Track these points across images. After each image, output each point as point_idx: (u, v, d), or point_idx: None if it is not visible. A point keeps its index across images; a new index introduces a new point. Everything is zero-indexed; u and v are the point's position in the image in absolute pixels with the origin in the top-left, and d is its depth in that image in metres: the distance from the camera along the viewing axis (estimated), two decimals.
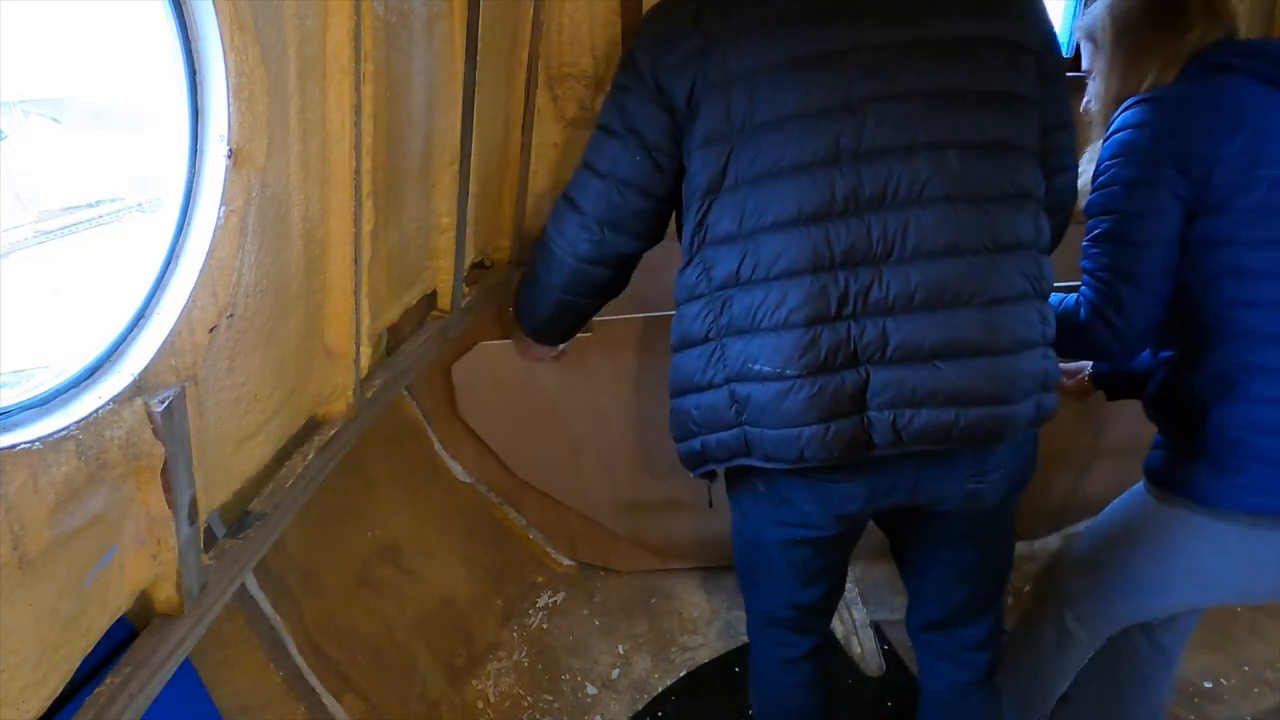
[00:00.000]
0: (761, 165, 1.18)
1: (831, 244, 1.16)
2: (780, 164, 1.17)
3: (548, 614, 2.26)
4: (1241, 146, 1.24)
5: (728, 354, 1.23)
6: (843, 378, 1.17)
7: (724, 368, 1.24)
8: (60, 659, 0.85)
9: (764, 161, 1.18)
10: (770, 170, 1.18)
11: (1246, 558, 1.29)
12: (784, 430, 1.19)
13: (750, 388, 1.21)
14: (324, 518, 1.75)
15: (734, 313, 1.22)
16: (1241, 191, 1.23)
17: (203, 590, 1.06)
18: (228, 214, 0.99)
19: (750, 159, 1.19)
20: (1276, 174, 1.23)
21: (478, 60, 1.56)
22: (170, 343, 0.94)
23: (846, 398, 1.17)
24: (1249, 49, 1.31)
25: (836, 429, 1.18)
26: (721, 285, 1.23)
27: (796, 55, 1.17)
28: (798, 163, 1.17)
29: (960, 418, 1.16)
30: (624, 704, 2.04)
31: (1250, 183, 1.23)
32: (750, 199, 1.19)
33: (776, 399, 1.19)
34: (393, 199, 1.43)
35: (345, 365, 1.38)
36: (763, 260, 1.18)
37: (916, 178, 1.15)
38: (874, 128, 1.15)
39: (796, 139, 1.17)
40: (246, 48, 0.95)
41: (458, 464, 2.31)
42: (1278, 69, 1.27)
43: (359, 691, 1.66)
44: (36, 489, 0.76)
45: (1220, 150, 1.24)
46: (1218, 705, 1.99)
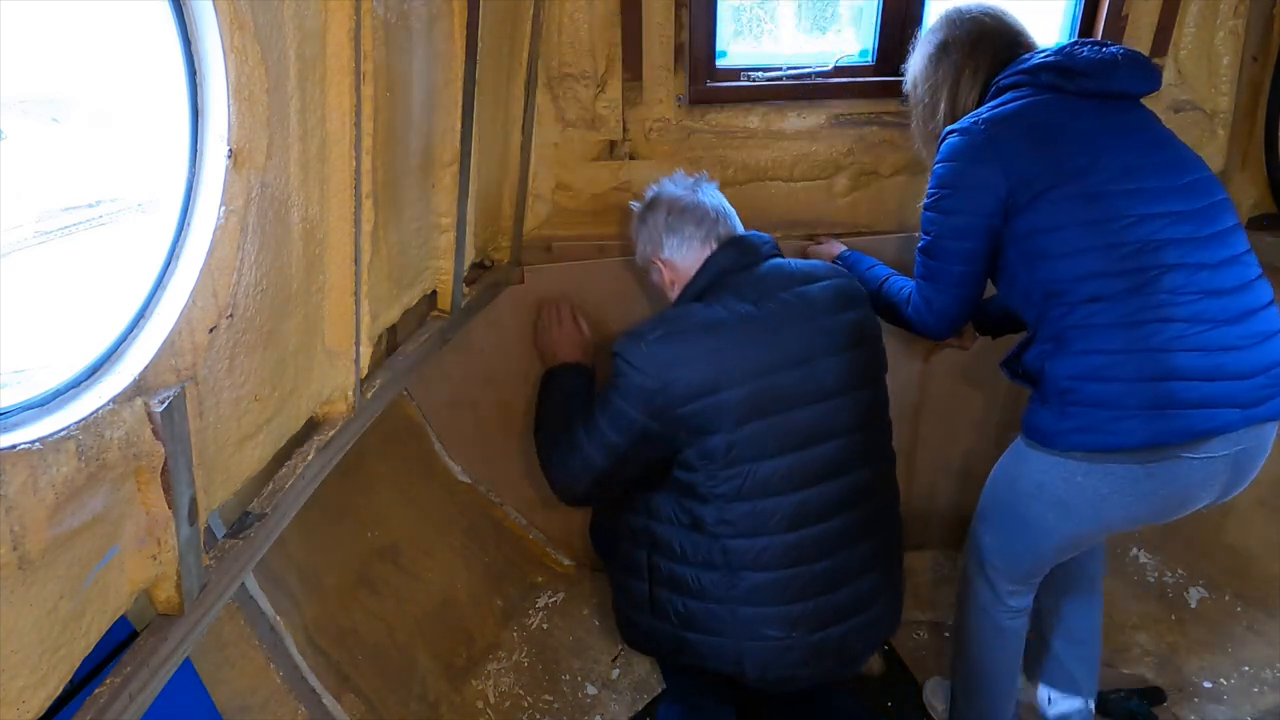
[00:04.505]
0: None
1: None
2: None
3: (548, 614, 2.26)
4: (1036, 156, 1.48)
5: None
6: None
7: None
8: (60, 659, 0.85)
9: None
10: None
11: (1093, 490, 1.46)
12: None
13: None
14: (324, 518, 1.75)
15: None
16: (1043, 191, 1.46)
17: (203, 590, 1.06)
18: (228, 214, 0.99)
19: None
20: (1068, 167, 1.46)
21: (478, 60, 1.56)
22: (170, 343, 0.94)
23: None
24: (1036, 66, 1.55)
25: None
26: None
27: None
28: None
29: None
30: (624, 704, 2.04)
31: (1048, 181, 1.46)
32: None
33: None
34: (393, 199, 1.43)
35: (345, 365, 1.38)
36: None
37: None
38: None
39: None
40: (246, 48, 0.95)
41: (458, 464, 2.32)
42: (1069, 79, 1.52)
43: (359, 691, 1.66)
44: (36, 489, 0.76)
45: (1017, 164, 1.48)
46: (1218, 705, 1.99)
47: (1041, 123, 1.51)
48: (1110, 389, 1.39)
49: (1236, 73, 2.19)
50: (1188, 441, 1.38)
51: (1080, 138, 1.49)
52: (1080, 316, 1.42)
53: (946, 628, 2.25)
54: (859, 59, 2.24)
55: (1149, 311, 1.38)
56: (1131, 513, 1.49)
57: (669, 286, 1.81)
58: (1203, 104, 2.22)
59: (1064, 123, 1.51)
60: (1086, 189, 1.45)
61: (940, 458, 2.44)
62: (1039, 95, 1.54)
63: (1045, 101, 1.53)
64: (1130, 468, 1.42)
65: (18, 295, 0.99)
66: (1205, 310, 1.38)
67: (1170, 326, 1.37)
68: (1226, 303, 1.40)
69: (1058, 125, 1.51)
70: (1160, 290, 1.38)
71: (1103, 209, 1.43)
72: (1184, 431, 1.37)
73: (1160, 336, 1.37)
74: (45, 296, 1.05)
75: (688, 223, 1.75)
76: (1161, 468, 1.41)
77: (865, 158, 2.21)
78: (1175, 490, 1.45)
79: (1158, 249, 1.40)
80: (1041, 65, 1.55)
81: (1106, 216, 1.43)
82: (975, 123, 1.54)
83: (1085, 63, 1.52)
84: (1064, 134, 1.50)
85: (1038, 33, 2.35)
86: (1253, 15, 2.13)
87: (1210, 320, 1.38)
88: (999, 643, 1.74)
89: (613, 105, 2.10)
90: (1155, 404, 1.37)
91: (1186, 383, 1.36)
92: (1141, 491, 1.44)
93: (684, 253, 1.76)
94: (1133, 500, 1.46)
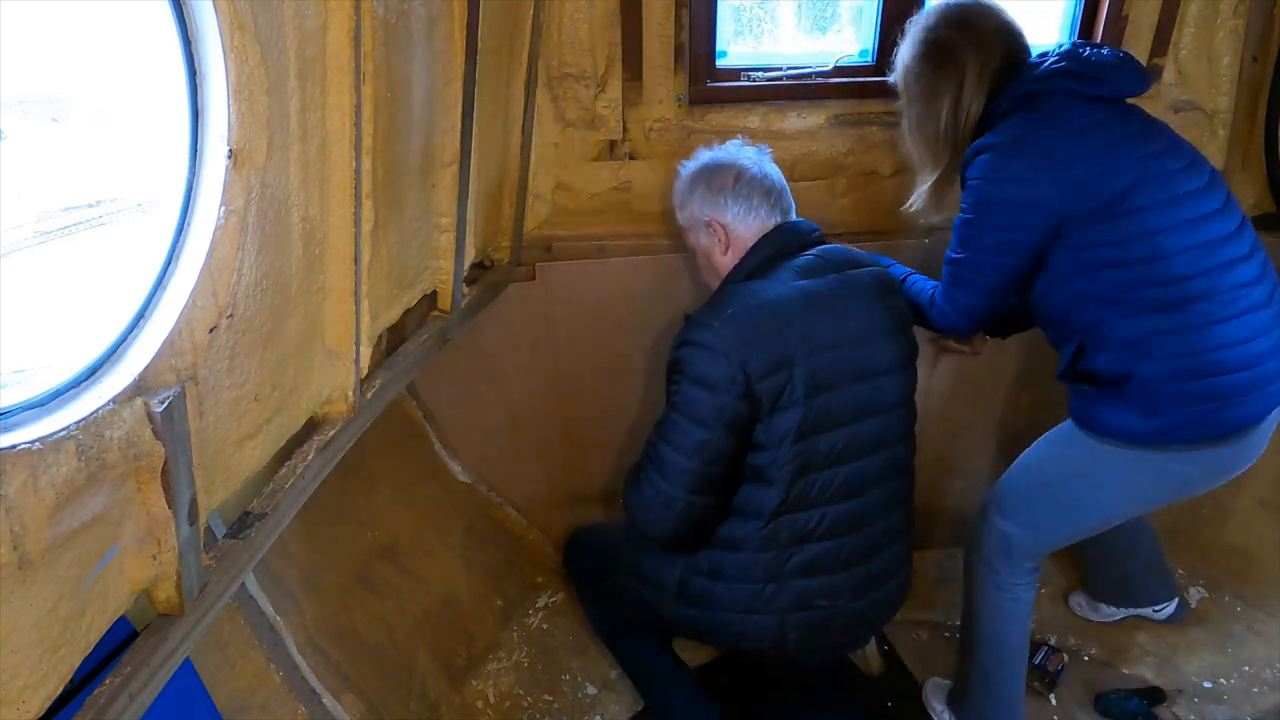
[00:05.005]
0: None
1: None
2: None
3: (548, 614, 2.26)
4: (1084, 169, 1.48)
5: None
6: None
7: None
8: (60, 659, 0.85)
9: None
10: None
11: (1184, 475, 1.57)
12: None
13: None
14: (324, 518, 1.75)
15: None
16: (1099, 203, 1.47)
17: (203, 590, 1.06)
18: (228, 214, 0.99)
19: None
20: (1115, 179, 1.47)
21: (478, 60, 1.56)
22: (170, 343, 0.94)
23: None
24: (1051, 72, 1.53)
25: None
26: None
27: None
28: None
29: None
30: (624, 704, 2.04)
31: (1102, 194, 1.47)
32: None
33: None
34: (393, 199, 1.43)
35: (345, 365, 1.38)
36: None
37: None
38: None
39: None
40: (246, 48, 0.95)
41: (457, 464, 2.32)
42: (1083, 84, 1.52)
43: (359, 691, 1.66)
44: (36, 489, 0.76)
45: (1068, 178, 1.47)
46: (1218, 705, 1.99)
47: (1078, 133, 1.51)
48: (1210, 384, 1.46)
49: (1236, 73, 2.19)
50: (1264, 415, 1.51)
51: (1114, 146, 1.50)
52: (1161, 322, 1.47)
53: (946, 628, 2.25)
54: (859, 59, 2.24)
55: (1224, 307, 1.46)
56: (1206, 486, 1.63)
57: (720, 251, 1.75)
58: (1203, 104, 2.22)
59: (1095, 131, 1.51)
60: (1138, 199, 1.47)
61: (941, 458, 2.44)
62: (1062, 102, 1.53)
63: (1070, 109, 1.52)
64: (1220, 450, 1.51)
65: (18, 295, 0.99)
66: (1248, 300, 1.48)
67: (1241, 319, 1.47)
68: (1258, 292, 1.50)
69: (1092, 135, 1.51)
70: (1223, 288, 1.46)
71: (1160, 216, 1.47)
72: (1264, 408, 1.50)
73: (1236, 329, 1.46)
74: (45, 296, 1.05)
75: (756, 192, 1.73)
76: (1242, 443, 1.52)
77: (865, 158, 2.21)
78: (1240, 461, 1.57)
79: (1213, 249, 1.47)
80: (1056, 71, 1.53)
81: (1164, 225, 1.46)
82: (1015, 138, 1.52)
83: (1095, 66, 1.53)
84: (1101, 144, 1.50)
85: (1037, 33, 2.35)
86: (1253, 15, 2.12)
87: (1253, 308, 1.49)
88: (1020, 613, 1.79)
89: (613, 105, 2.10)
90: (1250, 389, 1.47)
91: (1261, 366, 1.48)
92: (1223, 466, 1.57)
93: (748, 222, 1.73)
94: (1214, 475, 1.59)
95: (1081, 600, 2.23)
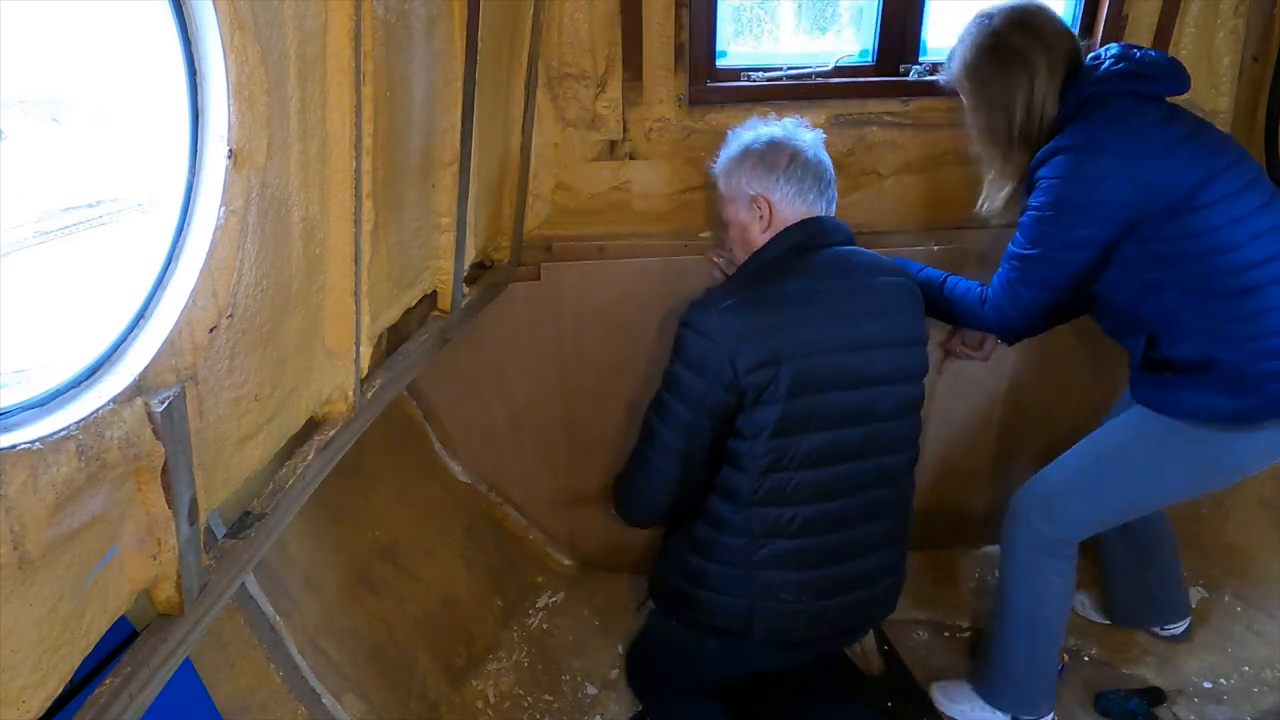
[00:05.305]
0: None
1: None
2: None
3: (548, 614, 2.26)
4: (1161, 167, 1.53)
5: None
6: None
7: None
8: (60, 659, 0.85)
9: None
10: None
11: (1266, 451, 1.63)
12: None
13: None
14: (324, 518, 1.75)
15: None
16: (1171, 198, 1.52)
17: (203, 590, 1.06)
18: (228, 214, 0.99)
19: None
20: (1189, 176, 1.52)
21: (478, 60, 1.56)
22: (170, 343, 0.94)
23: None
24: (1112, 74, 1.59)
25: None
26: None
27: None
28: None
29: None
30: (624, 704, 2.04)
31: (1181, 189, 1.52)
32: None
33: None
34: (393, 199, 1.43)
35: (345, 365, 1.38)
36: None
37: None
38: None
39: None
40: (246, 48, 0.95)
41: (457, 464, 2.32)
42: (1140, 84, 1.58)
43: (359, 691, 1.65)
44: (36, 489, 0.76)
45: (1147, 177, 1.52)
46: (1218, 705, 1.99)
47: (1144, 134, 1.55)
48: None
49: (1236, 73, 2.19)
50: None
51: (1176, 146, 1.55)
52: (1234, 307, 1.53)
53: (946, 627, 2.25)
54: (859, 59, 2.24)
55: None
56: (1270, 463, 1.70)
57: (760, 229, 1.73)
58: (1203, 104, 2.22)
59: (1157, 131, 1.56)
60: (1205, 195, 1.53)
61: (942, 458, 2.44)
62: (1125, 103, 1.58)
63: (1133, 110, 1.57)
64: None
65: (18, 295, 0.99)
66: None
67: None
68: None
69: (1156, 135, 1.55)
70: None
71: (1225, 210, 1.53)
72: None
73: None
74: (45, 296, 1.05)
75: (809, 176, 1.71)
76: None
77: (865, 158, 2.21)
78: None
79: (1274, 236, 1.54)
80: (1116, 73, 1.59)
81: (1230, 218, 1.53)
82: (1090, 139, 1.56)
83: (1150, 66, 1.59)
84: (1165, 143, 1.55)
85: None
86: (1253, 15, 2.12)
87: None
88: (1065, 584, 1.84)
89: (613, 105, 2.10)
90: None
91: None
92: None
93: (795, 204, 1.71)
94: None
95: (1085, 599, 2.23)
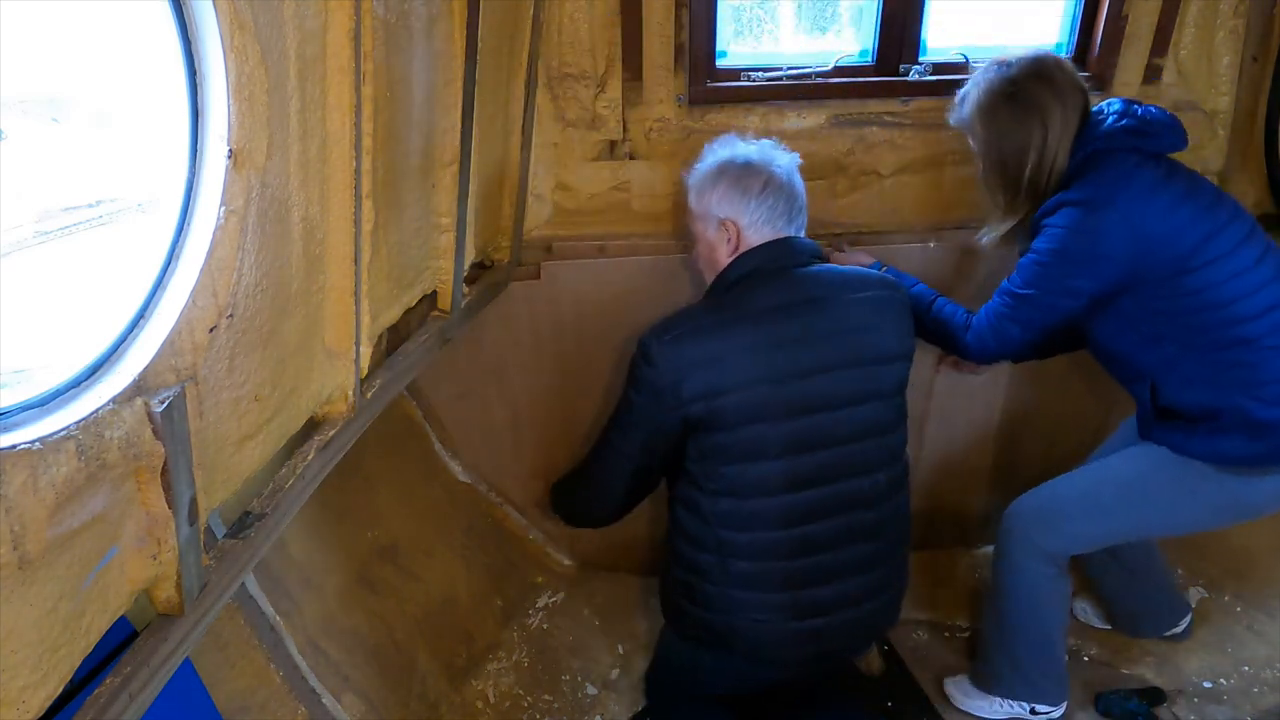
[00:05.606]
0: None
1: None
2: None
3: (548, 614, 2.26)
4: (1156, 228, 1.57)
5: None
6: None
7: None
8: (60, 659, 0.85)
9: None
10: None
11: (1263, 488, 1.67)
12: None
13: None
14: (324, 518, 1.75)
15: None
16: (1172, 257, 1.57)
17: (203, 590, 1.06)
18: (228, 214, 0.99)
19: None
20: (1193, 232, 1.57)
21: (478, 60, 1.56)
22: (170, 343, 0.94)
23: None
24: (1117, 130, 1.62)
25: None
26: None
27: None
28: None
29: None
30: (624, 704, 2.04)
31: (1176, 250, 1.57)
32: None
33: None
34: (393, 199, 1.43)
35: (345, 365, 1.38)
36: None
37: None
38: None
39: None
40: (246, 48, 0.95)
41: (457, 464, 2.32)
42: (1144, 141, 1.62)
43: (359, 691, 1.65)
44: (36, 489, 0.76)
45: (1151, 235, 1.57)
46: (1218, 705, 1.99)
47: (1148, 192, 1.59)
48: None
49: (1236, 73, 2.19)
50: None
51: (1178, 204, 1.59)
52: (1235, 355, 1.59)
53: (946, 627, 2.25)
54: (859, 59, 2.24)
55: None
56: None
57: (726, 252, 1.72)
58: (1203, 104, 2.22)
59: (1161, 188, 1.60)
60: (1205, 254, 1.57)
61: (943, 459, 2.44)
62: (1129, 159, 1.61)
63: (1138, 167, 1.61)
64: None
65: (18, 295, 0.99)
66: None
67: None
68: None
69: (1160, 193, 1.59)
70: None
71: (1223, 267, 1.58)
72: None
73: None
74: (45, 296, 1.05)
75: (781, 201, 1.69)
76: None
77: (865, 158, 2.21)
78: None
79: (1266, 288, 1.60)
80: (1121, 129, 1.62)
81: (1227, 275, 1.58)
82: (1096, 195, 1.60)
83: (1152, 124, 1.63)
84: (1168, 202, 1.59)
85: (1037, 33, 2.36)
86: (1253, 15, 2.13)
87: None
88: (1061, 586, 1.86)
89: (613, 105, 2.10)
90: None
91: None
92: None
93: (763, 230, 1.69)
94: None
95: (1086, 606, 2.23)
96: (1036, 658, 1.89)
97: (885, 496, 1.73)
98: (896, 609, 1.84)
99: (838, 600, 1.71)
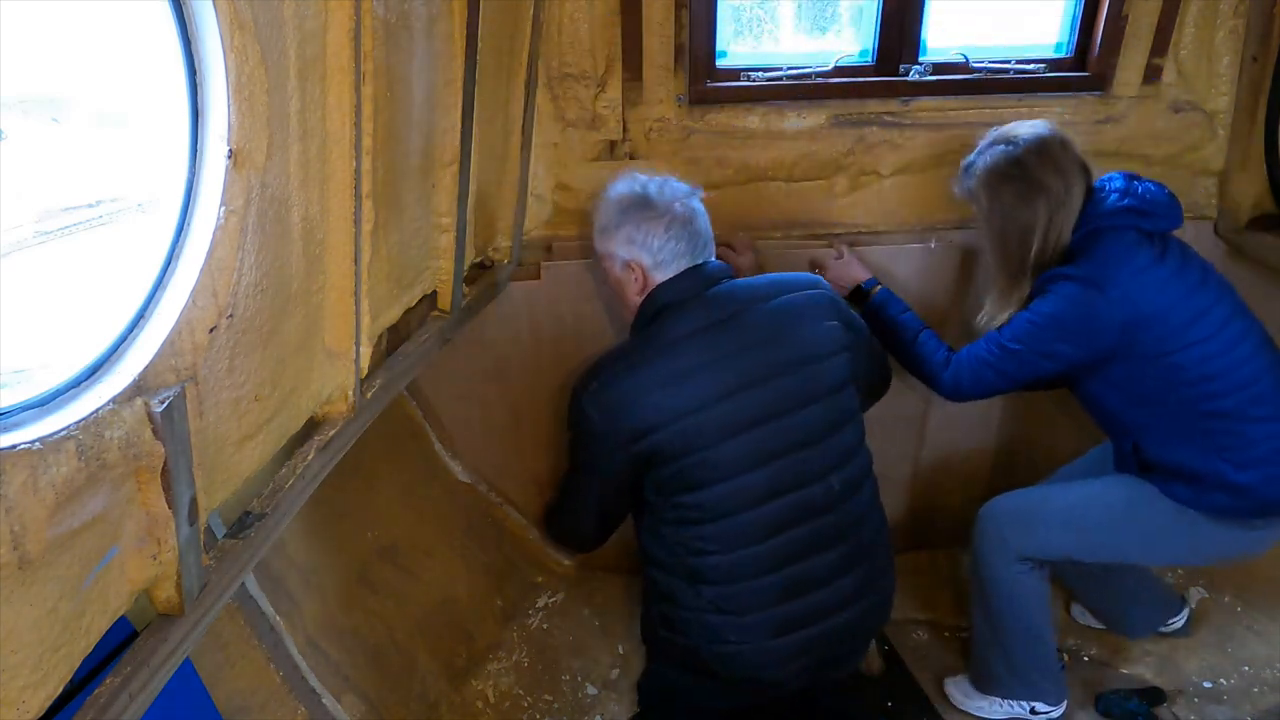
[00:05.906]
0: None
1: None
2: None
3: (548, 614, 2.26)
4: (1148, 307, 1.63)
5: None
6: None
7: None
8: (60, 659, 0.85)
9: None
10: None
11: (1243, 537, 1.73)
12: None
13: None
14: (324, 518, 1.75)
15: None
16: (1161, 336, 1.63)
17: (203, 590, 1.06)
18: (228, 214, 0.99)
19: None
20: (1184, 310, 1.64)
21: (478, 60, 1.56)
22: (170, 343, 0.94)
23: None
24: (1118, 209, 1.67)
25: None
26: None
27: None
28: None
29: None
30: (624, 704, 2.04)
31: (1165, 328, 1.63)
32: None
33: None
34: (393, 199, 1.43)
35: (345, 365, 1.38)
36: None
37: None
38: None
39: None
40: (246, 48, 0.95)
41: (458, 464, 2.32)
42: (1143, 220, 1.67)
43: (359, 691, 1.65)
44: (36, 489, 0.76)
45: (1133, 314, 1.63)
46: (1218, 705, 1.98)
47: (1144, 271, 1.65)
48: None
49: (1236, 73, 2.19)
50: None
51: (1170, 284, 1.65)
52: (1212, 424, 1.65)
53: (946, 627, 2.25)
54: (859, 59, 2.24)
55: (1260, 406, 1.65)
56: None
57: (634, 291, 1.75)
58: (1203, 104, 2.22)
59: (1156, 267, 1.66)
60: (1191, 334, 1.64)
61: (943, 460, 2.44)
62: (1127, 237, 1.67)
63: (1135, 246, 1.66)
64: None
65: (18, 295, 0.99)
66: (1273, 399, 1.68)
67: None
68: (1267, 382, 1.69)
69: (1154, 273, 1.65)
70: (1260, 392, 1.66)
71: (1209, 345, 1.64)
72: None
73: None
74: (45, 296, 1.05)
75: (683, 238, 1.71)
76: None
77: (865, 158, 2.21)
78: None
79: (1243, 363, 1.66)
80: (1121, 209, 1.67)
81: (1213, 352, 1.64)
82: (1095, 273, 1.65)
83: (1152, 204, 1.69)
84: (1160, 281, 1.65)
85: (1038, 33, 2.35)
86: (1253, 15, 2.12)
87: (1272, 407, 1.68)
88: (1040, 588, 1.89)
89: (613, 105, 2.10)
90: None
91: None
92: None
93: (667, 268, 1.71)
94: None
95: (1083, 609, 2.23)
96: (1030, 656, 1.89)
97: (842, 498, 1.70)
98: (887, 607, 1.83)
99: (818, 610, 1.70)
